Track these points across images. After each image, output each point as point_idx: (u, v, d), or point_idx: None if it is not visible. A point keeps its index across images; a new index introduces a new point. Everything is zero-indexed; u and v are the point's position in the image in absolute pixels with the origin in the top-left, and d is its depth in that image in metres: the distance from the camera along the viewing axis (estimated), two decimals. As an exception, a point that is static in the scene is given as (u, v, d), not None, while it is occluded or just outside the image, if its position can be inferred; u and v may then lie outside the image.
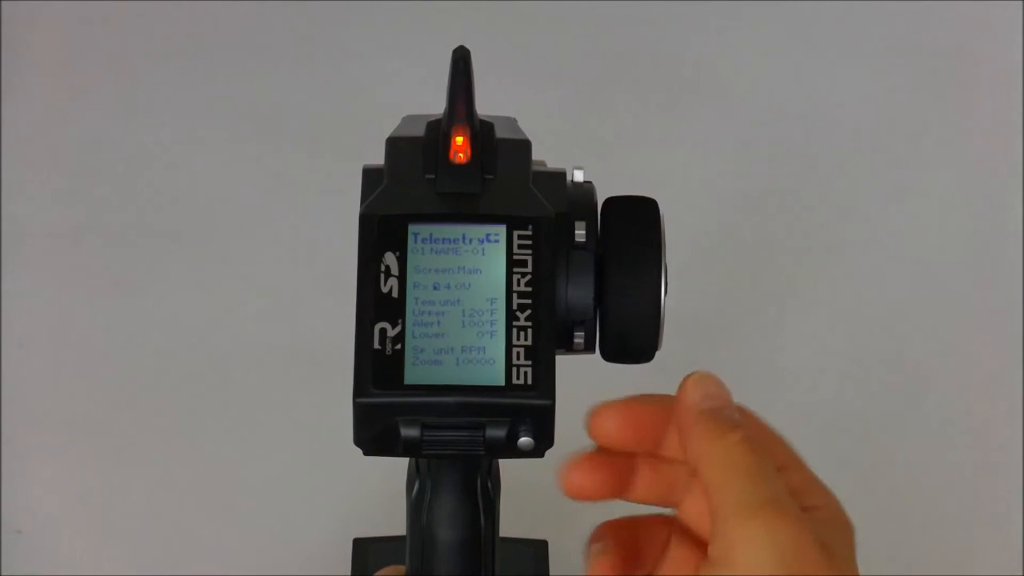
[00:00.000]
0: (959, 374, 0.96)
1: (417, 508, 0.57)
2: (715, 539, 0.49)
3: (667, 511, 0.55)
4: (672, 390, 0.53)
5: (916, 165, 1.05)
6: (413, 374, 0.52)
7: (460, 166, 0.54)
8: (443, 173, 0.54)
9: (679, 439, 0.52)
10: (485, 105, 0.55)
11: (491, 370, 0.52)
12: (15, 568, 0.87)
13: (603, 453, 0.53)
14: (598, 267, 0.54)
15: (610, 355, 0.56)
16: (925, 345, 0.97)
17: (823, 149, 1.06)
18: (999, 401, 0.95)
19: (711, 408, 0.52)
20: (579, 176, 0.56)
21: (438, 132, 0.54)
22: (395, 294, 0.52)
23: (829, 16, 1.12)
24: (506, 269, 0.53)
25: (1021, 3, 1.11)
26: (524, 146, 0.55)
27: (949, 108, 1.08)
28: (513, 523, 0.64)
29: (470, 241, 0.53)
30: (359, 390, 0.52)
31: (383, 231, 0.53)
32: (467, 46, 0.53)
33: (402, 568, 0.59)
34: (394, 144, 0.55)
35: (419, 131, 0.55)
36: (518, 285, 0.53)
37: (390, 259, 0.53)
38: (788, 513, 0.49)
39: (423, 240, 0.53)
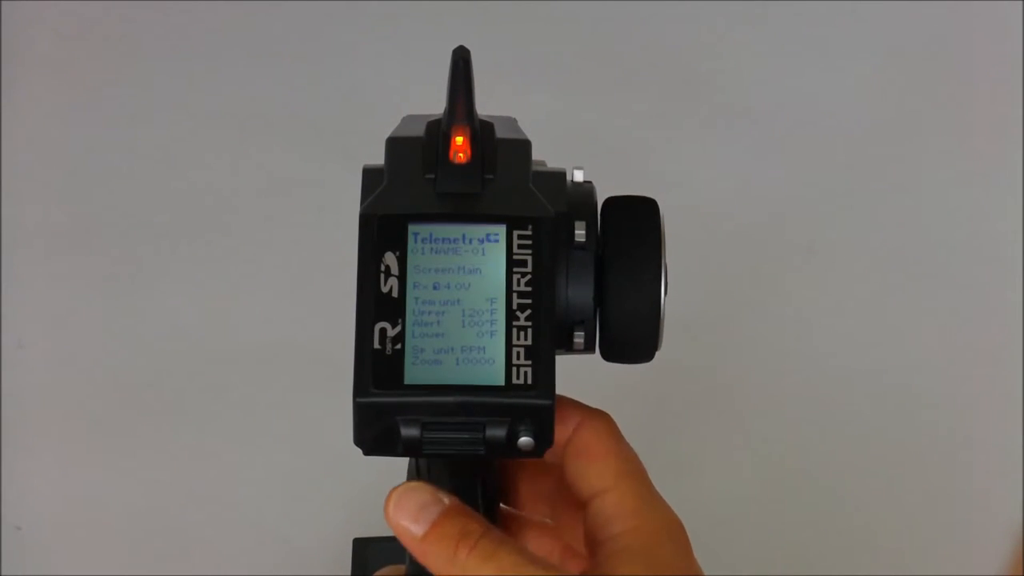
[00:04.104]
0: (960, 374, 0.96)
1: (417, 508, 0.57)
2: None
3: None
4: (671, 390, 0.53)
5: (917, 165, 1.05)
6: (413, 374, 0.52)
7: (460, 166, 0.54)
8: (443, 173, 0.54)
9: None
10: (485, 105, 0.55)
11: (491, 370, 0.52)
12: (15, 564, 0.87)
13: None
14: (598, 267, 0.54)
15: (610, 355, 0.56)
16: (926, 344, 0.97)
17: (824, 148, 1.06)
18: (1000, 400, 0.95)
19: (432, 533, 0.52)
20: (579, 176, 0.56)
21: (438, 132, 0.54)
22: (395, 294, 0.52)
23: (829, 16, 1.12)
24: (506, 269, 0.53)
25: (1021, 3, 1.10)
26: (524, 146, 0.55)
27: (949, 108, 1.08)
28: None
29: (470, 241, 0.53)
30: (359, 390, 0.52)
31: (383, 231, 0.53)
32: (467, 46, 0.53)
33: (402, 568, 0.59)
34: (394, 144, 0.55)
35: (419, 131, 0.55)
36: (518, 285, 0.53)
37: (390, 259, 0.53)
38: None
39: (423, 240, 0.53)
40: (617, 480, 0.54)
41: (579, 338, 0.54)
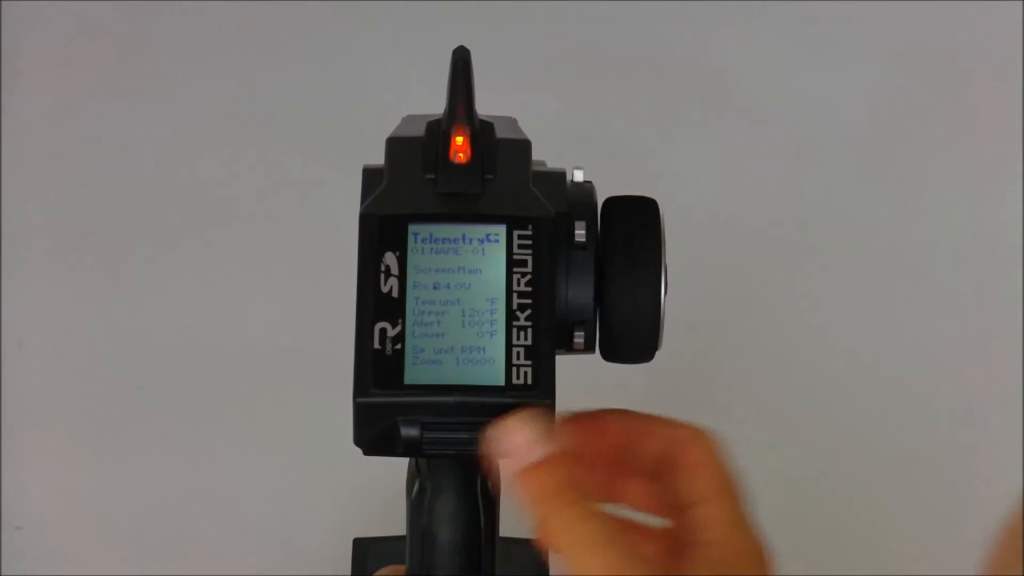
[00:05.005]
0: (960, 373, 0.96)
1: (417, 508, 0.57)
2: None
3: None
4: (672, 390, 0.53)
5: (917, 165, 1.05)
6: (413, 374, 0.52)
7: (460, 166, 0.54)
8: (443, 173, 0.54)
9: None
10: (485, 105, 0.55)
11: (491, 370, 0.52)
12: (15, 564, 0.87)
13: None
14: (598, 267, 0.54)
15: (610, 355, 0.56)
16: (926, 343, 0.97)
17: (824, 148, 1.06)
18: (1000, 399, 0.95)
19: (526, 470, 0.51)
20: (579, 176, 0.56)
21: (438, 132, 0.54)
22: (395, 294, 0.52)
23: (829, 16, 1.12)
24: (506, 269, 0.53)
25: (1021, 3, 1.11)
26: (524, 146, 0.55)
27: (949, 109, 1.08)
28: (513, 523, 0.64)
29: (470, 241, 0.53)
30: (359, 390, 0.52)
31: (383, 231, 0.53)
32: (467, 46, 0.53)
33: (402, 568, 0.59)
34: (394, 144, 0.55)
35: (419, 131, 0.55)
36: (518, 285, 0.53)
37: (390, 259, 0.53)
38: None
39: (423, 240, 0.53)
40: (719, 494, 0.54)
41: (579, 338, 0.54)
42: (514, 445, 0.51)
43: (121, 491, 0.90)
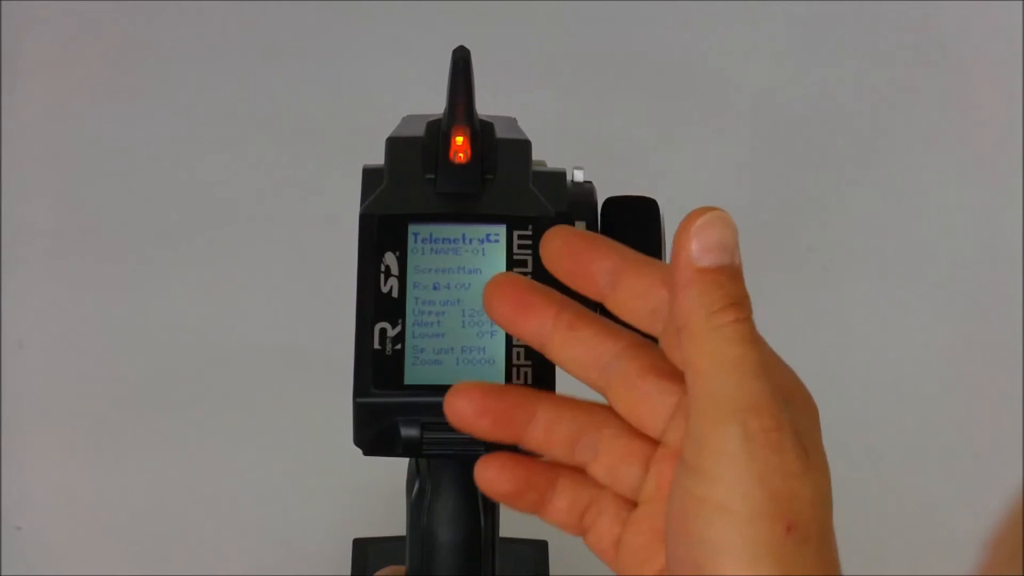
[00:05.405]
0: (960, 373, 0.96)
1: (417, 508, 0.57)
2: (689, 436, 0.44)
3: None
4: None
5: (917, 165, 1.05)
6: (413, 374, 0.52)
7: (460, 166, 0.54)
8: (443, 173, 0.54)
9: (670, 295, 0.45)
10: (485, 105, 0.55)
11: (491, 370, 0.52)
12: (15, 564, 0.87)
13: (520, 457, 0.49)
14: (599, 267, 0.54)
15: (610, 355, 0.56)
16: (926, 343, 0.97)
17: (824, 149, 1.06)
18: (999, 401, 0.95)
19: (708, 269, 0.46)
20: (579, 176, 0.56)
21: (438, 132, 0.54)
22: (395, 294, 0.52)
23: (829, 16, 1.12)
24: (506, 269, 0.53)
25: (1021, 3, 1.11)
26: (524, 146, 0.55)
27: (950, 108, 1.08)
28: (513, 523, 0.64)
29: (470, 241, 0.53)
30: (359, 390, 0.52)
31: (383, 231, 0.53)
32: (467, 46, 0.53)
33: (402, 568, 0.59)
34: (394, 144, 0.55)
35: (419, 131, 0.55)
36: (518, 285, 0.53)
37: (390, 259, 0.53)
38: (771, 423, 0.44)
39: (423, 240, 0.53)
40: None
41: (579, 338, 0.54)
42: (711, 240, 0.46)
43: (121, 491, 0.90)
